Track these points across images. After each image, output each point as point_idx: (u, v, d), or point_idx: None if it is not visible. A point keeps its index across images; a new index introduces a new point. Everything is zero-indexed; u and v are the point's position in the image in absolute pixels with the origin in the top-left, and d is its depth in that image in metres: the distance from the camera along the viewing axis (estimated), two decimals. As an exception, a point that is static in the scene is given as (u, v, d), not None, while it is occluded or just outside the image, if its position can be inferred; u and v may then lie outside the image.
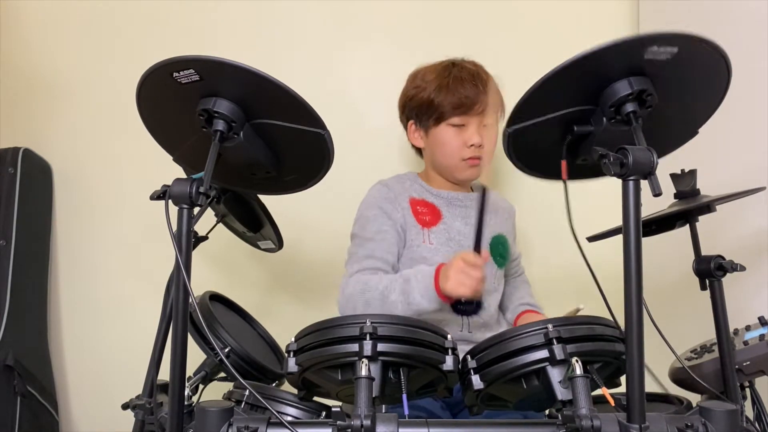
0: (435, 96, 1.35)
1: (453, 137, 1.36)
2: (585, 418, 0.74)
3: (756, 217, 1.32)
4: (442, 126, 1.37)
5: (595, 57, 0.78)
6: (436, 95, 1.35)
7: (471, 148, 1.35)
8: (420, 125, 1.42)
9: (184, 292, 0.82)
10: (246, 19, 1.83)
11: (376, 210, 1.36)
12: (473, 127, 1.35)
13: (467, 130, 1.35)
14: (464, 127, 1.35)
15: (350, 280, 1.27)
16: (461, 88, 1.34)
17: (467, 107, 1.34)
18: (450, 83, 1.35)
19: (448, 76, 1.36)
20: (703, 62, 0.83)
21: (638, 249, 0.75)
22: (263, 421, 0.81)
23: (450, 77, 1.36)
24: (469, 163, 1.37)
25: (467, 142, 1.35)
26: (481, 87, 1.35)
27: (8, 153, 1.80)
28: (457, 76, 1.35)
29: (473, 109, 1.34)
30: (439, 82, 1.36)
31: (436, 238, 1.36)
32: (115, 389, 1.28)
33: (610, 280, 0.89)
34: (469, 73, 1.37)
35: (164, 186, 0.84)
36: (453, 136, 1.36)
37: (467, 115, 1.35)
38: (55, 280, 1.87)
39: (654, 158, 0.74)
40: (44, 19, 1.88)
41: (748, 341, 1.07)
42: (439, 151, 1.40)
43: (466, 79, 1.35)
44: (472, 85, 1.34)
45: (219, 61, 0.84)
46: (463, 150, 1.36)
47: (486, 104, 1.34)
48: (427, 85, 1.38)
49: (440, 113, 1.36)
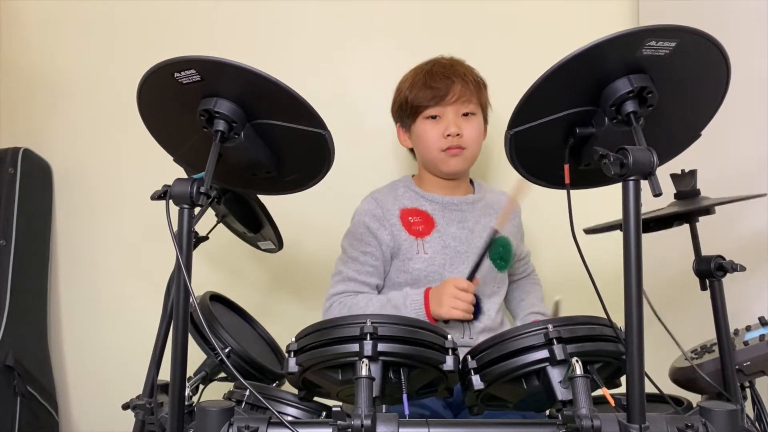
0: (409, 93, 1.40)
1: (430, 129, 1.38)
2: (585, 418, 0.74)
3: (756, 217, 1.32)
4: (419, 120, 1.39)
5: (594, 53, 0.78)
6: (410, 92, 1.39)
7: (449, 138, 1.36)
8: (403, 126, 1.46)
9: (185, 292, 0.82)
10: (246, 19, 1.83)
11: (363, 228, 1.39)
12: (449, 116, 1.37)
13: (443, 121, 1.37)
14: (440, 119, 1.38)
15: (334, 301, 1.34)
16: (431, 80, 1.37)
17: (439, 98, 1.36)
18: (422, 78, 1.38)
19: (421, 72, 1.40)
20: (702, 58, 0.83)
21: (638, 249, 0.75)
22: (264, 421, 0.81)
23: (422, 73, 1.39)
24: (449, 153, 1.38)
25: (444, 132, 1.36)
26: (454, 78, 1.37)
27: (8, 153, 1.80)
28: (429, 71, 1.39)
29: (445, 99, 1.36)
30: (412, 79, 1.40)
31: (430, 247, 1.36)
32: (115, 389, 1.28)
33: (611, 281, 0.89)
34: (442, 65, 1.40)
35: (165, 186, 0.84)
36: (430, 128, 1.38)
37: (441, 105, 1.37)
38: (55, 280, 1.87)
39: (654, 158, 0.74)
40: (44, 19, 1.88)
41: (749, 341, 1.07)
42: (421, 145, 1.42)
43: (438, 72, 1.38)
44: (444, 76, 1.37)
45: (220, 61, 0.84)
46: (441, 141, 1.37)
47: (459, 93, 1.36)
48: (404, 85, 1.42)
49: (415, 108, 1.39)
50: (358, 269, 1.37)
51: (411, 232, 1.37)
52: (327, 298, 1.37)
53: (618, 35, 0.77)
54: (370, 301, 1.31)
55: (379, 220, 1.38)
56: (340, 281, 1.37)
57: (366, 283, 1.37)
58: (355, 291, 1.36)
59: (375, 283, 1.38)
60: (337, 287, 1.37)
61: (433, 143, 1.38)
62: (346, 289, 1.36)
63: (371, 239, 1.37)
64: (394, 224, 1.37)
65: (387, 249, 1.37)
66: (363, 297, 1.34)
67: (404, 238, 1.37)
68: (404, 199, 1.42)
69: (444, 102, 1.36)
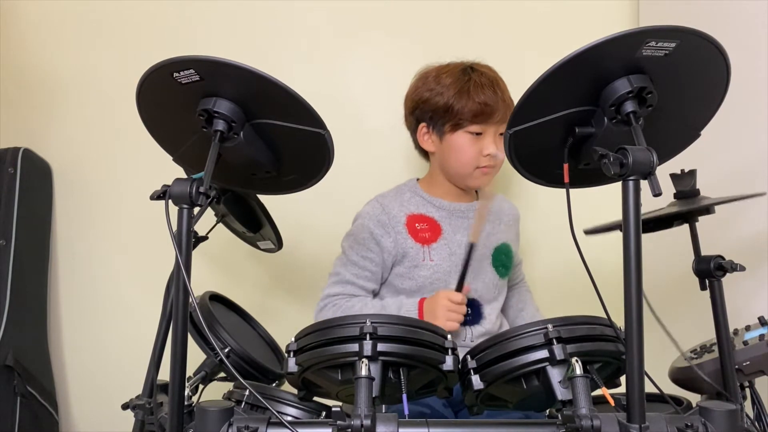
0: (455, 102, 1.30)
1: (470, 145, 1.32)
2: (585, 418, 0.74)
3: (756, 217, 1.32)
4: (459, 133, 1.32)
5: (594, 53, 0.78)
6: (456, 101, 1.30)
7: (487, 158, 1.32)
8: (434, 129, 1.37)
9: (184, 292, 0.82)
10: (245, 19, 1.83)
11: (366, 233, 1.36)
12: (490, 136, 1.32)
13: (484, 139, 1.32)
14: (481, 136, 1.32)
15: (328, 303, 1.33)
16: (482, 94, 1.30)
17: (487, 115, 1.30)
18: (471, 89, 1.30)
19: (468, 81, 1.31)
20: (702, 59, 0.83)
21: (638, 249, 0.75)
22: (263, 421, 0.81)
23: (470, 83, 1.31)
24: (483, 171, 1.35)
25: (483, 151, 1.32)
26: (500, 94, 1.32)
27: (8, 153, 1.80)
28: (477, 82, 1.31)
29: (492, 117, 1.31)
30: (458, 87, 1.31)
31: (437, 254, 1.35)
32: (115, 389, 1.28)
33: (612, 281, 0.89)
34: (489, 79, 1.33)
35: (164, 186, 0.84)
36: (470, 144, 1.32)
37: (486, 123, 1.31)
38: (55, 280, 1.87)
39: (654, 158, 0.74)
40: (44, 19, 1.87)
41: (748, 341, 1.07)
42: (454, 157, 1.35)
43: (486, 86, 1.31)
44: (492, 92, 1.31)
45: (219, 61, 0.84)
46: (479, 159, 1.33)
47: (503, 114, 1.31)
48: (445, 90, 1.32)
49: (459, 120, 1.31)
50: (357, 273, 1.36)
51: (417, 239, 1.35)
52: (322, 298, 1.36)
53: (618, 36, 0.77)
54: (365, 306, 1.31)
55: (384, 226, 1.36)
56: (338, 283, 1.36)
57: (363, 287, 1.36)
58: (351, 294, 1.35)
59: (372, 288, 1.37)
60: (333, 288, 1.36)
61: (471, 160, 1.33)
62: (342, 292, 1.35)
63: (373, 245, 1.35)
64: (400, 232, 1.35)
65: (389, 256, 1.35)
66: (358, 300, 1.33)
67: (410, 245, 1.35)
68: (410, 205, 1.40)
69: (490, 120, 1.31)
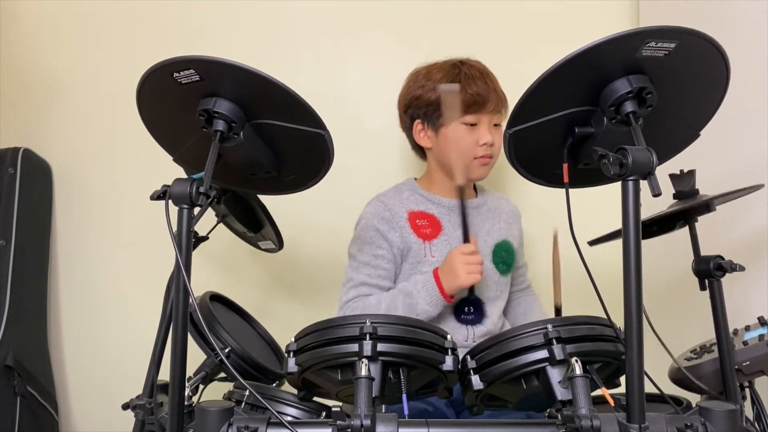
0: None
1: (465, 136, 1.33)
2: (585, 418, 0.74)
3: (755, 217, 1.32)
4: (454, 125, 1.33)
5: (594, 54, 0.78)
6: None
7: (483, 147, 1.34)
8: (429, 124, 1.39)
9: (184, 292, 0.82)
10: (245, 19, 1.83)
11: (373, 231, 1.35)
12: (485, 125, 1.34)
13: (479, 129, 1.34)
14: (476, 126, 1.34)
15: (346, 309, 1.31)
16: (474, 85, 1.32)
17: (480, 105, 1.32)
18: (462, 81, 1.32)
19: (459, 74, 1.34)
20: (701, 59, 0.83)
21: (638, 249, 0.75)
22: (263, 421, 0.81)
23: (461, 75, 1.34)
24: (480, 161, 1.35)
25: (479, 140, 1.33)
26: (491, 85, 1.34)
27: (8, 153, 1.80)
28: (468, 74, 1.34)
29: (485, 107, 1.33)
30: (450, 81, 1.33)
31: (437, 250, 1.34)
32: (115, 389, 1.28)
33: (612, 281, 0.89)
34: (479, 71, 1.35)
35: (164, 186, 0.84)
36: (465, 135, 1.33)
37: (479, 113, 1.33)
38: (55, 280, 1.87)
39: (653, 158, 0.74)
40: (44, 19, 1.87)
41: (748, 341, 1.07)
42: (451, 149, 1.36)
43: (477, 77, 1.33)
44: (483, 82, 1.33)
45: (219, 61, 0.84)
46: (476, 148, 1.34)
47: (495, 103, 1.33)
48: (431, 83, 1.35)
49: None
50: (370, 273, 1.33)
51: (419, 234, 1.35)
52: (339, 307, 1.33)
53: (618, 36, 0.77)
54: (381, 298, 1.28)
55: (388, 222, 1.35)
56: (352, 287, 1.33)
57: (379, 286, 1.33)
58: (367, 295, 1.32)
59: (387, 286, 1.34)
60: (349, 294, 1.33)
61: (468, 150, 1.34)
62: (358, 294, 1.32)
63: (382, 242, 1.34)
64: (403, 226, 1.35)
65: (398, 251, 1.34)
66: (374, 297, 1.30)
67: (413, 240, 1.34)
68: (410, 202, 1.40)
69: (483, 110, 1.33)
